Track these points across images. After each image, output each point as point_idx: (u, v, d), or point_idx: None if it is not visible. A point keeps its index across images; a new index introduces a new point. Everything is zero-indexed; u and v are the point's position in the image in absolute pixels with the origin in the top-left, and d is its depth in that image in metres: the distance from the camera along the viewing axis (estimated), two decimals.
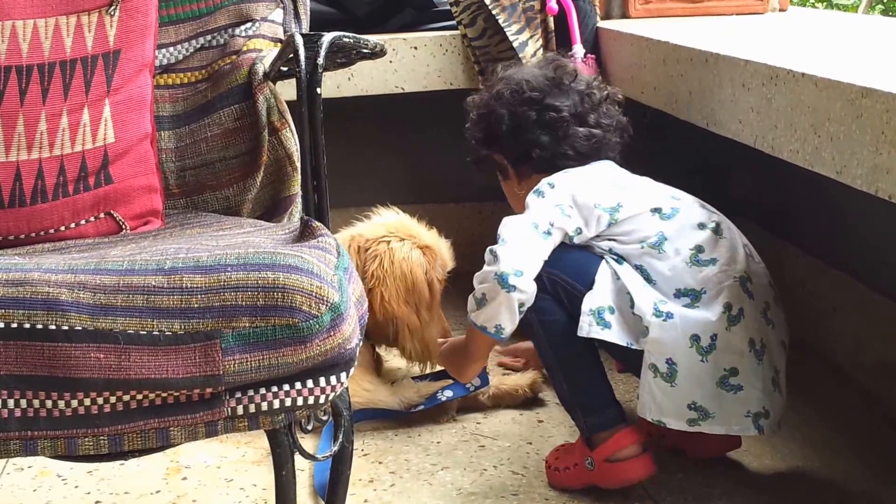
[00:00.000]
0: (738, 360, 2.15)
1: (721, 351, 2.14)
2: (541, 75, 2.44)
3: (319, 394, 1.60)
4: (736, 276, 2.18)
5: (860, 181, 1.75)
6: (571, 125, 2.38)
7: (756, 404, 2.16)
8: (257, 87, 2.13)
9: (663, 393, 2.15)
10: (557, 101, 2.39)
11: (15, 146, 1.87)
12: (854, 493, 2.25)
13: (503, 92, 2.44)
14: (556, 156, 2.37)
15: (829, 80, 1.85)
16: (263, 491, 2.30)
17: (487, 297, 2.16)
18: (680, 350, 2.13)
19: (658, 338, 2.13)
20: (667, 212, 2.24)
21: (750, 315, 2.17)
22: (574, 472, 2.28)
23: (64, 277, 1.56)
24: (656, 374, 2.15)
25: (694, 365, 2.13)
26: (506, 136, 2.43)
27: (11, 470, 2.42)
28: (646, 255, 2.20)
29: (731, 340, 2.14)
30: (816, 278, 2.98)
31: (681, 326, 2.13)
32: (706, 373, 2.14)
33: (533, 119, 2.39)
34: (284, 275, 1.56)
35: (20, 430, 1.53)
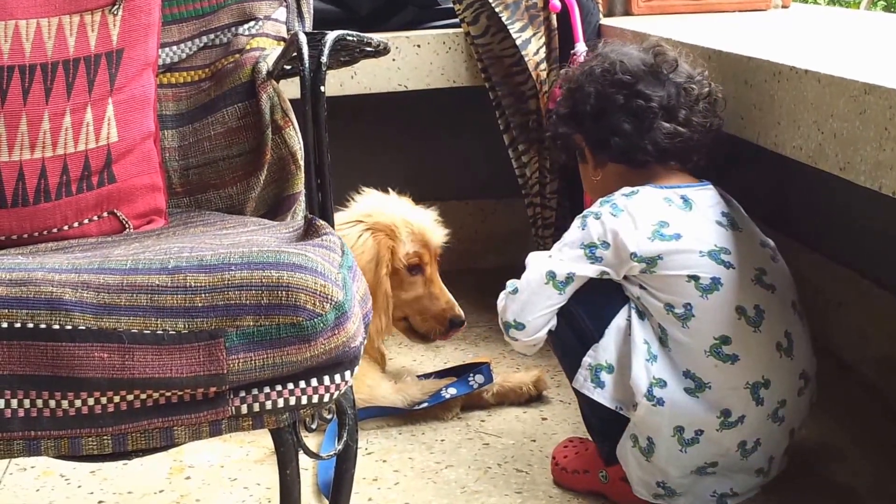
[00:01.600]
0: (721, 457, 2.13)
1: (704, 446, 2.10)
2: (638, 58, 2.26)
3: (324, 392, 1.60)
4: (750, 383, 2.08)
5: (864, 177, 1.75)
6: (658, 118, 2.20)
7: (724, 487, 2.16)
8: (260, 85, 2.13)
9: (637, 463, 2.16)
10: (650, 89, 2.22)
11: (18, 145, 1.86)
12: (859, 487, 2.25)
13: (595, 69, 2.28)
14: (634, 148, 2.22)
15: (832, 76, 1.84)
16: (267, 490, 2.30)
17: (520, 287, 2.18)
18: (662, 435, 2.11)
19: (643, 417, 2.10)
20: (705, 283, 2.07)
21: (752, 421, 2.10)
22: (584, 479, 2.28)
23: (67, 277, 1.56)
24: (635, 444, 2.15)
25: (672, 452, 2.11)
26: (588, 116, 2.27)
27: (14, 470, 2.42)
28: (669, 320, 2.09)
29: (720, 441, 2.11)
30: (821, 274, 2.98)
31: (668, 416, 2.09)
32: (683, 461, 2.12)
33: (619, 103, 2.22)
34: (288, 273, 1.55)
35: (24, 430, 1.53)
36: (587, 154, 2.34)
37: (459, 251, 3.12)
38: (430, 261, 2.71)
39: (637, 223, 2.12)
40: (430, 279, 2.71)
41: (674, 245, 2.09)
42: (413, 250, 2.67)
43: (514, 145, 3.09)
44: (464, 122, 3.60)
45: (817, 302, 2.97)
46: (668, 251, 2.09)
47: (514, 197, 3.29)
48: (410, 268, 2.68)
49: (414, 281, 2.70)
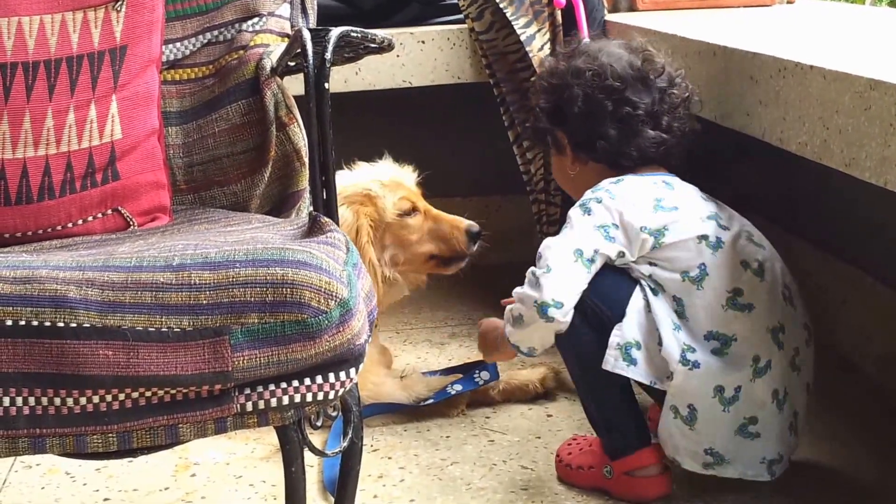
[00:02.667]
0: (760, 410, 2.14)
1: (744, 402, 2.13)
2: (626, 63, 2.31)
3: (329, 390, 1.59)
4: (769, 328, 2.14)
5: (869, 173, 1.74)
6: (644, 125, 2.27)
7: (772, 451, 2.17)
8: (265, 82, 2.13)
9: (682, 434, 2.16)
10: (637, 96, 2.28)
11: (22, 143, 1.86)
12: (863, 484, 2.25)
13: (584, 71, 2.30)
14: (619, 154, 2.28)
15: (837, 72, 1.84)
16: (273, 487, 2.30)
17: (525, 320, 2.14)
18: (702, 398, 2.12)
19: (682, 385, 2.12)
20: (713, 241, 2.16)
21: (777, 366, 2.14)
22: (588, 475, 2.27)
23: (72, 274, 1.55)
24: (676, 415, 2.15)
25: (715, 414, 2.13)
26: (576, 118, 2.32)
27: (20, 468, 2.42)
28: (685, 288, 2.13)
29: (755, 392, 2.13)
30: (825, 271, 2.98)
31: (706, 376, 2.11)
32: (726, 421, 2.14)
33: (609, 109, 2.27)
34: (293, 270, 1.55)
35: (28, 428, 1.53)
36: (567, 151, 2.39)
37: None
38: (416, 198, 2.72)
39: (635, 201, 2.19)
40: (427, 211, 2.72)
41: (675, 215, 2.18)
42: (399, 197, 2.67)
43: (518, 141, 3.08)
44: (468, 119, 3.59)
45: (821, 299, 2.97)
46: (672, 220, 2.17)
47: (518, 193, 3.29)
48: (404, 213, 2.68)
49: (413, 223, 2.69)
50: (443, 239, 2.71)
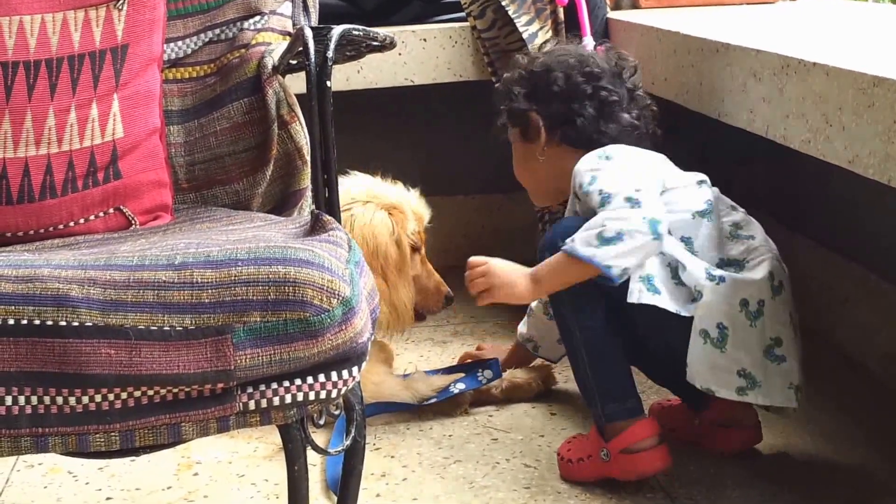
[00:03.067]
0: (782, 329, 2.17)
1: (768, 318, 2.16)
2: (604, 61, 2.45)
3: (331, 388, 1.59)
4: (774, 252, 2.24)
5: (872, 170, 1.74)
6: (618, 109, 2.39)
7: (796, 377, 2.19)
8: (266, 80, 2.13)
9: (713, 359, 2.16)
10: (613, 85, 2.40)
11: (23, 142, 1.86)
12: (867, 482, 2.24)
13: (567, 59, 2.44)
14: (596, 132, 2.37)
15: (840, 69, 1.84)
16: (275, 486, 2.29)
17: (626, 236, 2.09)
18: (731, 314, 2.14)
19: (711, 301, 2.13)
20: (709, 183, 2.29)
21: (787, 290, 2.21)
22: (588, 464, 2.26)
23: (74, 273, 1.55)
24: (706, 339, 2.15)
25: (744, 330, 2.15)
26: (555, 97, 2.41)
27: (22, 467, 2.42)
28: (694, 224, 2.21)
29: (777, 309, 2.17)
30: (828, 269, 2.97)
31: (732, 290, 2.14)
32: (754, 339, 2.15)
33: (587, 92, 2.39)
34: (295, 269, 1.55)
35: (31, 427, 1.53)
36: (541, 133, 2.43)
37: (466, 246, 3.12)
38: (423, 241, 2.71)
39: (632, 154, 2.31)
40: (423, 258, 2.71)
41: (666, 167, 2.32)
42: (416, 229, 2.67)
43: None
44: (470, 117, 3.58)
45: (824, 297, 2.97)
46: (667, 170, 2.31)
47: (520, 192, 3.28)
48: (414, 248, 2.67)
49: (413, 260, 2.68)
50: (423, 291, 2.70)
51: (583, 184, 2.22)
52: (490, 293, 2.28)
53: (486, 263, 2.28)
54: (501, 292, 2.26)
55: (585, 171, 2.23)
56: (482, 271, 2.28)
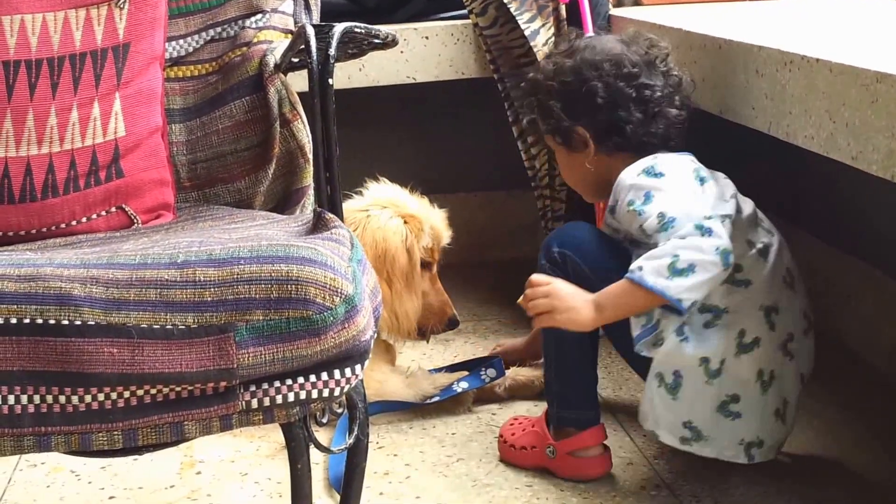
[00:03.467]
0: (742, 388, 2.15)
1: (726, 377, 2.14)
2: (635, 52, 2.32)
3: (334, 386, 1.59)
4: (762, 306, 2.15)
5: (876, 167, 1.74)
6: (665, 106, 2.29)
7: (751, 433, 2.17)
8: (268, 78, 2.13)
9: (664, 404, 2.17)
10: (652, 80, 2.29)
11: (25, 141, 1.86)
12: (873, 479, 2.24)
13: (600, 63, 2.29)
14: (646, 134, 2.27)
15: (843, 65, 1.83)
16: (278, 485, 2.29)
17: (699, 268, 2.02)
18: (689, 367, 2.14)
19: (670, 351, 2.13)
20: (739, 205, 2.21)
21: (765, 346, 2.15)
22: (531, 454, 2.31)
23: (76, 272, 1.55)
24: (661, 383, 2.16)
25: (699, 385, 2.14)
26: (599, 109, 2.28)
27: (24, 466, 2.42)
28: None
29: (739, 368, 2.14)
30: (832, 265, 2.97)
31: (694, 348, 2.12)
32: (708, 395, 2.15)
33: (631, 96, 2.27)
34: (298, 267, 1.55)
35: (34, 426, 1.53)
36: (590, 145, 2.31)
37: (468, 244, 3.11)
38: (436, 258, 2.70)
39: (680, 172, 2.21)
40: (434, 277, 2.70)
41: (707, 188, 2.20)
42: (429, 245, 2.65)
43: (523, 137, 3.08)
44: (472, 114, 3.59)
45: (828, 293, 2.97)
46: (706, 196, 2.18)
47: (523, 189, 3.29)
48: (423, 263, 2.66)
49: (423, 276, 2.68)
50: (427, 308, 2.69)
51: (633, 202, 2.13)
52: (551, 316, 2.16)
53: (550, 284, 2.17)
54: (564, 316, 2.15)
55: (636, 188, 2.15)
56: (545, 292, 2.17)
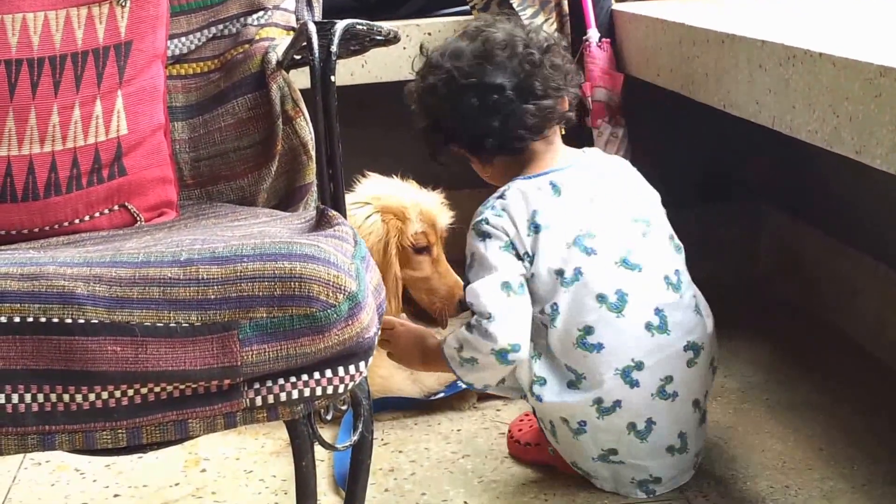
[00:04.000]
0: (616, 442, 2.15)
1: (592, 434, 2.14)
2: (469, 53, 2.22)
3: (338, 383, 1.59)
4: (619, 369, 2.10)
5: (880, 161, 1.73)
6: (517, 103, 2.18)
7: (641, 474, 2.18)
8: (270, 75, 2.12)
9: (554, 443, 2.24)
10: (495, 79, 2.18)
11: (27, 139, 1.86)
12: (879, 473, 2.24)
13: (436, 86, 2.25)
14: (509, 139, 2.21)
15: (846, 59, 1.83)
16: (283, 482, 2.29)
17: (481, 364, 2.14)
18: (556, 423, 2.18)
19: (538, 405, 2.18)
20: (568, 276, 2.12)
21: (630, 403, 2.11)
22: (533, 451, 2.33)
23: (79, 270, 1.55)
24: (542, 424, 2.23)
25: (568, 439, 2.18)
26: (455, 129, 2.26)
27: (29, 465, 2.42)
28: (542, 321, 2.14)
29: (606, 428, 2.13)
30: (837, 259, 2.97)
31: (549, 410, 2.16)
32: (582, 448, 2.18)
33: (476, 106, 2.19)
34: (301, 264, 1.55)
35: (38, 425, 1.53)
36: (470, 158, 2.34)
37: None
38: (436, 241, 2.67)
39: (516, 218, 2.17)
40: (437, 259, 2.67)
41: (542, 238, 2.14)
42: (421, 230, 2.62)
43: None
44: None
45: (834, 287, 2.96)
46: (537, 247, 2.14)
47: None
48: (418, 248, 2.63)
49: (422, 261, 2.65)
50: (432, 293, 2.65)
51: (466, 257, 2.21)
52: (392, 356, 2.40)
53: (393, 329, 2.36)
54: (400, 358, 2.40)
55: (468, 244, 2.21)
56: (387, 335, 2.35)
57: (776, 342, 2.93)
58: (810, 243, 3.11)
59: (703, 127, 3.11)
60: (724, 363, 2.71)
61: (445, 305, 2.65)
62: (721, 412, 2.51)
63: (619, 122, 2.94)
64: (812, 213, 3.14)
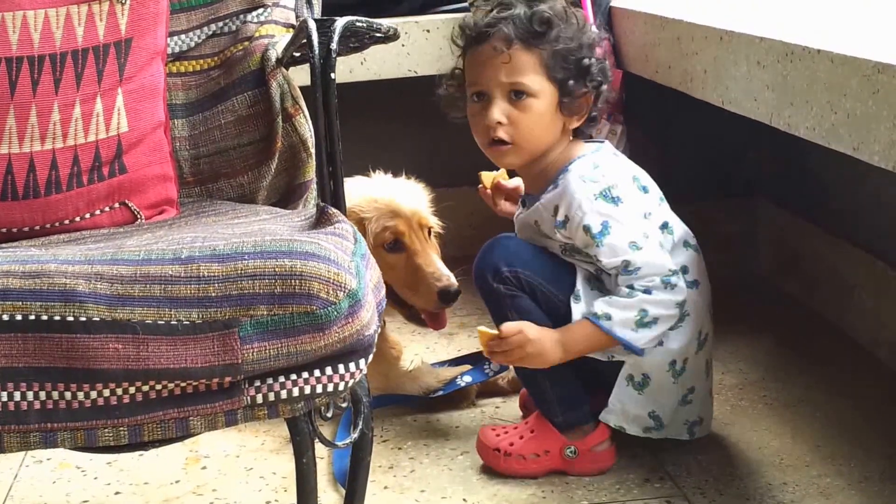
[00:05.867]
0: (697, 380, 2.28)
1: (688, 374, 2.25)
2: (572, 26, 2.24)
3: (339, 381, 1.59)
4: (708, 302, 2.29)
5: (878, 157, 1.74)
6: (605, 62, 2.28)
7: (695, 415, 2.30)
8: (270, 73, 2.13)
9: (633, 400, 2.25)
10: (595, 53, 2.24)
11: (28, 137, 1.86)
12: (875, 470, 2.24)
13: (586, 28, 2.25)
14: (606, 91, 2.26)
15: (844, 55, 1.83)
16: (283, 479, 2.30)
17: (661, 321, 2.17)
18: (658, 370, 2.23)
19: (645, 358, 2.21)
20: (670, 227, 2.27)
21: (710, 339, 2.31)
22: (545, 460, 2.27)
23: (80, 268, 1.55)
24: (630, 383, 2.24)
25: (666, 385, 2.24)
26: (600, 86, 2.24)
27: (31, 463, 2.42)
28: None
29: (697, 364, 2.27)
30: (836, 256, 2.97)
31: (665, 352, 2.22)
32: (673, 391, 2.25)
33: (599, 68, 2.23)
34: (301, 262, 1.55)
35: (40, 423, 1.53)
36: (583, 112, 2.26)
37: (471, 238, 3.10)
38: (408, 232, 2.52)
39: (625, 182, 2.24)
40: (413, 251, 2.52)
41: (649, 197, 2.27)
42: (382, 227, 2.49)
43: None
44: None
45: (832, 284, 2.97)
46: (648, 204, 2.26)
47: None
48: (388, 246, 2.51)
49: (396, 259, 2.52)
50: (412, 289, 2.52)
51: (590, 228, 2.16)
52: (522, 362, 2.22)
53: (521, 332, 2.18)
54: (535, 361, 2.21)
55: (593, 213, 2.16)
56: (518, 342, 2.17)
57: (774, 339, 2.93)
58: (808, 240, 3.11)
59: (701, 123, 3.11)
60: (722, 360, 2.72)
61: (423, 301, 2.53)
62: (719, 408, 2.51)
63: (617, 119, 2.94)
64: (810, 209, 3.14)
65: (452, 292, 2.49)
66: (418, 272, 2.50)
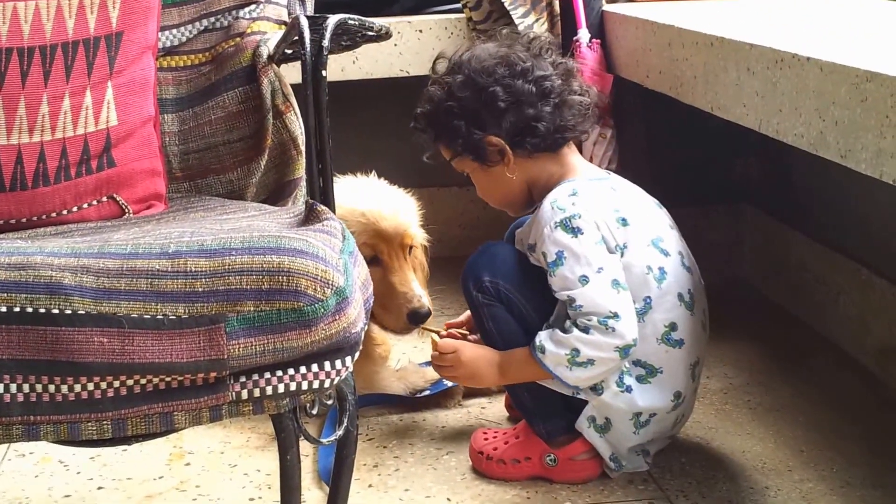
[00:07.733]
0: (662, 432, 2.28)
1: (653, 426, 2.23)
2: (521, 48, 2.26)
3: (324, 378, 1.59)
4: (690, 364, 2.23)
5: (864, 165, 1.74)
6: (565, 94, 2.24)
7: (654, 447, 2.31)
8: (261, 69, 2.12)
9: (593, 440, 2.25)
10: (545, 70, 2.23)
11: (16, 129, 1.86)
12: (857, 475, 2.25)
13: (492, 68, 2.22)
14: (558, 128, 2.22)
15: (833, 63, 1.84)
16: (267, 476, 2.29)
17: (599, 362, 2.12)
18: (621, 419, 2.21)
19: (608, 402, 2.19)
20: (656, 273, 2.17)
21: (688, 396, 2.26)
22: (526, 466, 2.28)
23: (67, 261, 1.55)
24: (591, 424, 2.23)
25: (627, 433, 2.22)
26: (505, 112, 2.21)
27: (13, 456, 2.42)
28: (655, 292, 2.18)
29: (668, 420, 2.25)
30: (821, 263, 2.98)
31: (630, 402, 2.19)
32: (634, 440, 2.24)
33: (532, 91, 2.21)
34: (289, 258, 1.55)
35: (23, 415, 1.53)
36: (507, 154, 2.25)
37: (461, 237, 3.11)
38: (386, 249, 2.49)
39: (601, 212, 2.18)
40: (390, 269, 2.49)
41: (630, 232, 2.18)
42: (363, 243, 2.43)
43: None
44: None
45: (817, 291, 2.98)
46: (628, 240, 2.17)
47: None
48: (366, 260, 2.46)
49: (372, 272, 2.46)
50: (383, 307, 2.47)
51: (546, 254, 2.15)
52: (456, 380, 2.42)
53: (455, 352, 2.28)
54: (469, 382, 2.38)
55: (550, 241, 2.14)
56: (450, 360, 2.29)
57: (759, 344, 2.94)
58: (794, 246, 3.12)
59: (690, 129, 3.12)
60: (707, 364, 2.71)
61: (393, 322, 2.50)
62: (703, 413, 2.52)
63: (607, 123, 2.95)
64: (797, 216, 3.15)
65: (422, 314, 2.46)
66: (391, 290, 2.47)
